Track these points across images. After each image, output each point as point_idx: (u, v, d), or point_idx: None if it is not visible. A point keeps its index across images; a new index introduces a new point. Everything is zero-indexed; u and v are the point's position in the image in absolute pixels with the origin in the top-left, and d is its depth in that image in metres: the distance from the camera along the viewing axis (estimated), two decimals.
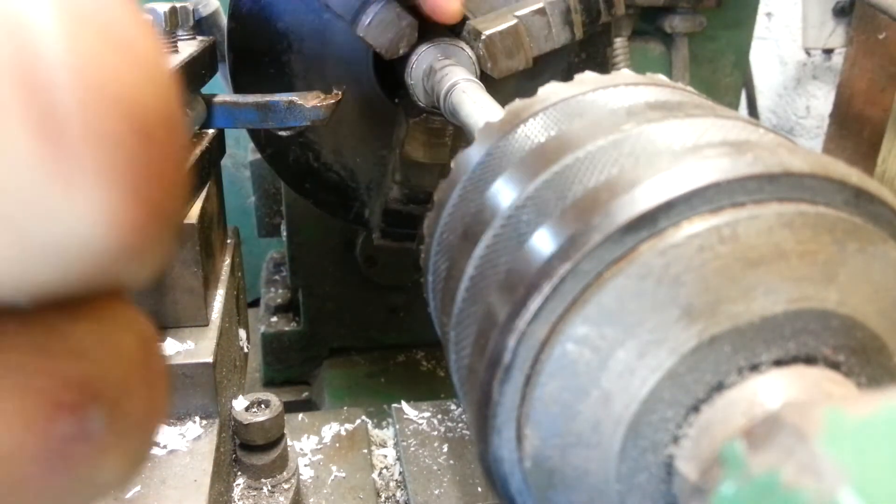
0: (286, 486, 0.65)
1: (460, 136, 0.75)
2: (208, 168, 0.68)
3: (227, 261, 0.76)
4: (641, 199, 0.29)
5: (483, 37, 0.69)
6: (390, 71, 0.76)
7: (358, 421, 0.81)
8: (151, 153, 0.11)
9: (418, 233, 0.82)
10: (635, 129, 0.35)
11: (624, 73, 0.44)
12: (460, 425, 0.77)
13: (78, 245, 0.11)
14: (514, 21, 0.69)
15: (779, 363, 0.29)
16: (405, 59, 0.71)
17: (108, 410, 0.13)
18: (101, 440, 0.13)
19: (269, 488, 0.65)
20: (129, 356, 0.14)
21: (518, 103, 0.43)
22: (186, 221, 0.62)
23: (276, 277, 1.14)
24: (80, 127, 0.10)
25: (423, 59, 0.69)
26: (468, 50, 0.70)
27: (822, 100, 1.55)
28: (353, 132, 0.79)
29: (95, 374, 0.13)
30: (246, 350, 0.80)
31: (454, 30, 0.72)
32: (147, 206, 0.11)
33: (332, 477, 0.73)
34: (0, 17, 0.10)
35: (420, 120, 0.74)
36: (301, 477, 0.70)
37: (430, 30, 0.70)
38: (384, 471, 0.75)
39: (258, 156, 0.95)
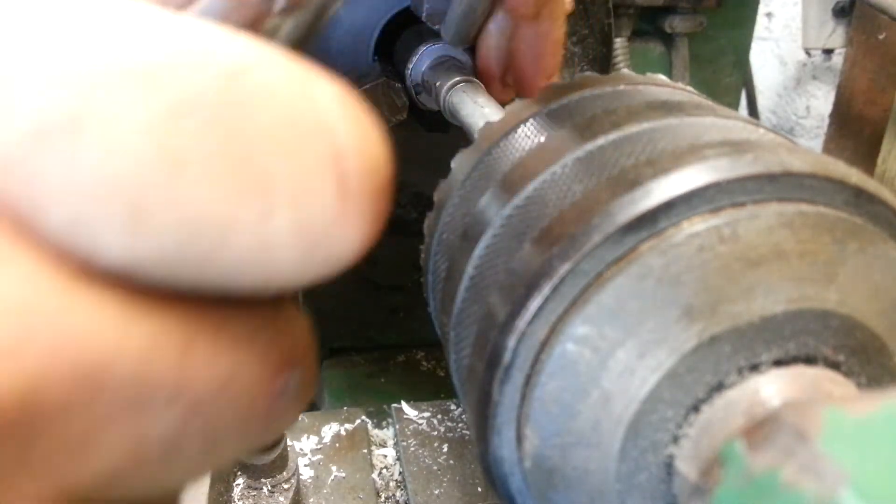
0: (286, 486, 0.65)
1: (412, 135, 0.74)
2: None
3: None
4: (641, 199, 0.29)
5: None
6: (389, 54, 0.76)
7: (358, 421, 0.81)
8: (382, 196, 0.17)
9: None
10: (635, 129, 0.35)
11: (624, 73, 0.44)
12: (460, 425, 0.77)
13: (335, 256, 0.17)
14: None
15: (779, 363, 0.29)
16: (407, 53, 0.70)
17: (299, 376, 0.19)
18: (293, 397, 0.19)
19: (269, 488, 0.65)
20: (306, 331, 0.19)
21: (518, 103, 0.43)
22: None
23: None
24: (356, 188, 0.16)
25: (420, 62, 0.69)
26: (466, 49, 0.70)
27: (822, 100, 1.55)
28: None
29: (295, 346, 0.19)
30: None
31: None
32: (376, 225, 0.17)
33: (332, 477, 0.73)
34: (319, 125, 0.16)
35: (389, 87, 0.72)
36: (301, 477, 0.70)
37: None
38: (384, 471, 0.74)
39: None
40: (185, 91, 0.15)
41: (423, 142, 0.79)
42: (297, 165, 0.16)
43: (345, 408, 0.85)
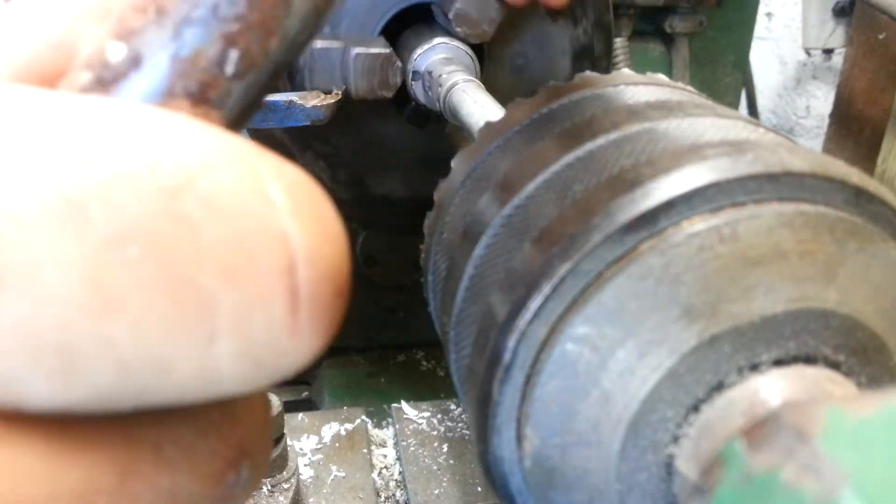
0: (286, 486, 0.65)
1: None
2: None
3: None
4: (642, 199, 0.29)
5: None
6: (393, 41, 0.75)
7: (358, 421, 0.81)
8: (340, 300, 0.16)
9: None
10: (635, 129, 0.35)
11: (624, 73, 0.44)
12: (460, 425, 0.77)
13: (286, 369, 0.16)
14: None
15: (779, 363, 0.29)
16: (417, 41, 0.70)
17: (251, 464, 0.18)
18: (244, 486, 0.18)
19: (269, 488, 0.65)
20: (260, 419, 0.18)
21: (518, 103, 0.43)
22: None
23: None
24: (309, 300, 0.15)
25: (424, 57, 0.69)
26: (469, 50, 0.70)
27: (822, 100, 1.55)
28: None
29: (247, 438, 0.18)
30: None
31: None
32: (332, 331, 0.16)
33: (332, 477, 0.73)
34: (270, 234, 0.15)
35: (390, 62, 0.70)
36: (301, 477, 0.70)
37: (440, 24, 0.70)
38: (384, 471, 0.74)
39: None
40: (118, 221, 0.14)
41: (423, 142, 0.79)
42: (243, 285, 0.15)
43: (345, 408, 0.85)
